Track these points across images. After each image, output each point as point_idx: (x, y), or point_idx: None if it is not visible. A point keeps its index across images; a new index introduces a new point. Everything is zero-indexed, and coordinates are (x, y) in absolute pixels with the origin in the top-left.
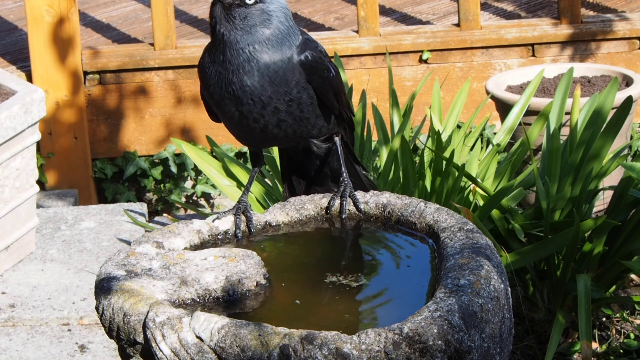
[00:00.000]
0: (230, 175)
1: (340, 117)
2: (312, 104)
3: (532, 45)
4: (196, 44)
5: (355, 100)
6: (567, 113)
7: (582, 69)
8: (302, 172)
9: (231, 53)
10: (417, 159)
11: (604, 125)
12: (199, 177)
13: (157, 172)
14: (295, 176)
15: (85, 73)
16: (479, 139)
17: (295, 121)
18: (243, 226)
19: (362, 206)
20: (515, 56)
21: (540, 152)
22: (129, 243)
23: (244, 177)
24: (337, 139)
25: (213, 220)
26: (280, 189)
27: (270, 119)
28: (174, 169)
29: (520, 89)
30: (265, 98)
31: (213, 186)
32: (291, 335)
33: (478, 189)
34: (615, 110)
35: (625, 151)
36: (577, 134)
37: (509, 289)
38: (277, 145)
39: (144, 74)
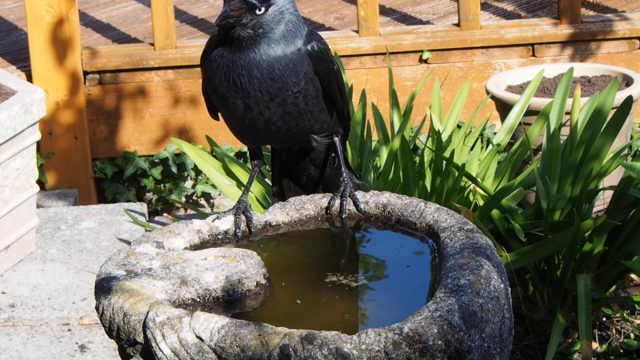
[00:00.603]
0: (230, 175)
1: (341, 115)
2: (317, 96)
3: (532, 45)
4: (196, 44)
5: (355, 100)
6: (567, 113)
7: (582, 68)
8: (294, 177)
9: (241, 49)
10: (417, 159)
11: (604, 125)
12: (199, 177)
13: (157, 172)
14: (286, 182)
15: (85, 73)
16: (479, 139)
17: (300, 114)
18: (243, 226)
19: (362, 206)
20: (515, 56)
21: (540, 152)
22: (129, 243)
23: (244, 177)
24: (336, 138)
25: (213, 220)
26: None
27: (276, 111)
28: (173, 169)
29: (520, 88)
30: (274, 90)
31: (213, 186)
32: (291, 335)
33: (478, 189)
34: (615, 110)
35: (626, 151)
36: (577, 134)
37: (509, 288)
38: (277, 141)
39: (144, 74)
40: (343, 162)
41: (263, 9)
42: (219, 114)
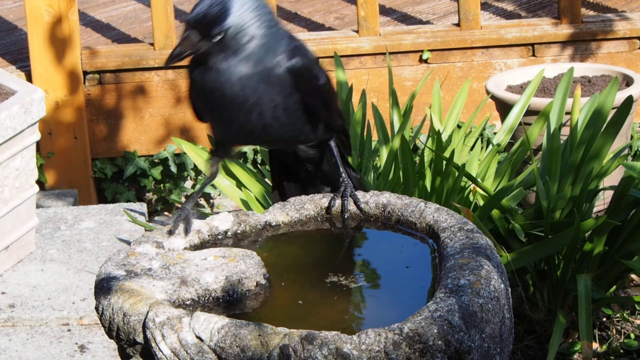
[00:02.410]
0: (230, 175)
1: (330, 126)
2: (299, 110)
3: (532, 45)
4: None
5: (355, 100)
6: (567, 113)
7: (583, 68)
8: (293, 176)
9: (212, 69)
10: (417, 159)
11: (604, 125)
12: (199, 177)
13: (157, 172)
14: (286, 180)
15: (85, 73)
16: (479, 139)
17: (281, 126)
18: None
19: (362, 205)
20: (515, 56)
21: (541, 152)
22: (128, 243)
23: (244, 177)
24: (332, 142)
25: (166, 230)
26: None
27: (257, 124)
28: (173, 168)
29: (520, 88)
30: (249, 106)
31: (213, 186)
32: (291, 335)
33: (478, 189)
34: (615, 110)
35: (626, 151)
36: (577, 134)
37: (509, 289)
38: (264, 146)
39: (144, 74)
40: (340, 162)
41: (220, 35)
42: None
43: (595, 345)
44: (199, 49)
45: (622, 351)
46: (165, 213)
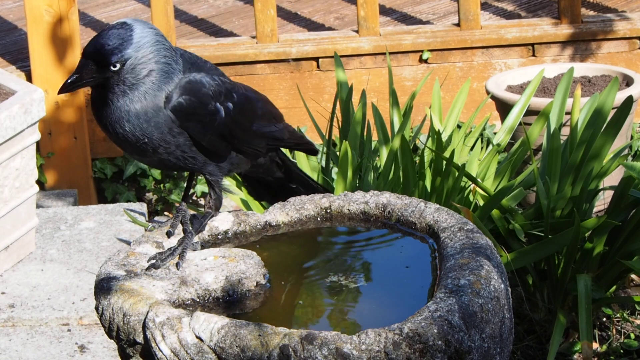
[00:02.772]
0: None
1: (247, 152)
2: (194, 145)
3: (533, 45)
4: (196, 44)
5: (355, 100)
6: (567, 113)
7: (583, 68)
8: (253, 179)
9: (109, 103)
10: (417, 159)
11: (604, 125)
12: (199, 177)
13: (156, 172)
14: (252, 182)
15: None
16: (479, 139)
17: (179, 160)
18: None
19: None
20: (515, 56)
21: (541, 152)
22: (128, 243)
23: None
24: (262, 159)
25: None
26: None
27: (152, 159)
28: None
29: (520, 88)
30: (141, 144)
31: None
32: (291, 335)
33: (478, 189)
34: (615, 110)
35: (626, 151)
36: (577, 134)
37: (509, 289)
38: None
39: None
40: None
41: (118, 66)
42: None
43: (595, 345)
44: (96, 79)
45: (622, 351)
46: (166, 213)
